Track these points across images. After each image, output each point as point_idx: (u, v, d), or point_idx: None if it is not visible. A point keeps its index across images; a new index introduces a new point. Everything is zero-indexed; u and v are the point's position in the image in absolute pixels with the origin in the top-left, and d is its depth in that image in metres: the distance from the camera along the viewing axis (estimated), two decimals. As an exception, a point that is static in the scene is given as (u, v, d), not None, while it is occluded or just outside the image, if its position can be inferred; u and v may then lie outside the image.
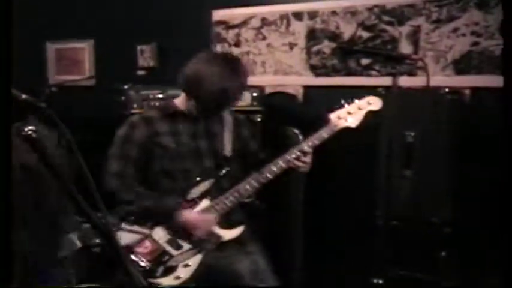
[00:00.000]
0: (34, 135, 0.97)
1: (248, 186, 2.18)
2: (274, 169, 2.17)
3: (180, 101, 2.30)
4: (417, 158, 2.64)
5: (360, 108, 2.27)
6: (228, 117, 2.36)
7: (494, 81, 2.51)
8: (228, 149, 2.30)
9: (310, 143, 2.20)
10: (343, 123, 2.24)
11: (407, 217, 2.66)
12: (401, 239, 2.60)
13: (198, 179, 2.21)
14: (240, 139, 2.37)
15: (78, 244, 1.55)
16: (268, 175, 2.17)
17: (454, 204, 2.63)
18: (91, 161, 1.16)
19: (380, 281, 2.47)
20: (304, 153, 2.19)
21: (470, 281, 2.62)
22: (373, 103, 2.29)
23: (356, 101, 2.28)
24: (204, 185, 2.21)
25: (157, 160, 2.21)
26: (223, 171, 2.25)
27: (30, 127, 0.97)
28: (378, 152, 2.73)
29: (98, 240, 1.54)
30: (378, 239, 2.55)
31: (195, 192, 2.20)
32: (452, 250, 2.60)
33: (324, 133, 2.21)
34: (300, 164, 2.20)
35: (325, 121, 2.24)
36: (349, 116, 2.25)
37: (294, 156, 2.18)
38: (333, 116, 2.24)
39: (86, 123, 3.15)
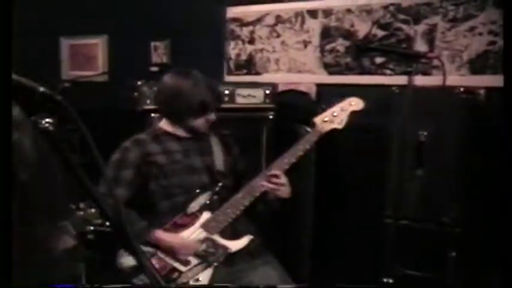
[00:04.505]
0: (51, 128, 0.98)
1: (247, 195, 2.19)
2: (253, 191, 2.19)
3: (165, 123, 2.35)
4: (429, 157, 2.63)
5: (342, 110, 2.31)
6: (214, 138, 2.39)
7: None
8: (220, 164, 2.33)
9: (282, 163, 2.20)
10: (329, 126, 2.27)
11: (418, 216, 2.65)
12: (411, 238, 2.59)
13: (197, 191, 2.22)
14: (231, 156, 2.39)
15: (73, 231, 1.56)
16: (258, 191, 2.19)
17: (466, 204, 2.61)
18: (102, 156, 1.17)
19: (390, 280, 2.46)
20: (275, 176, 2.18)
21: (479, 282, 2.61)
22: (355, 103, 2.33)
23: (338, 103, 2.33)
24: (203, 198, 2.22)
25: (154, 179, 2.23)
26: (220, 184, 2.26)
27: (47, 120, 0.98)
28: (390, 151, 2.72)
29: (92, 227, 1.56)
30: (388, 238, 2.54)
31: (194, 206, 2.20)
32: (462, 250, 2.59)
33: (311, 137, 2.26)
34: (273, 186, 2.18)
35: (311, 125, 2.29)
36: (334, 118, 2.29)
37: (264, 179, 2.18)
38: (317, 120, 2.28)
39: (99, 119, 3.17)
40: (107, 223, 1.19)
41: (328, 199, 3.13)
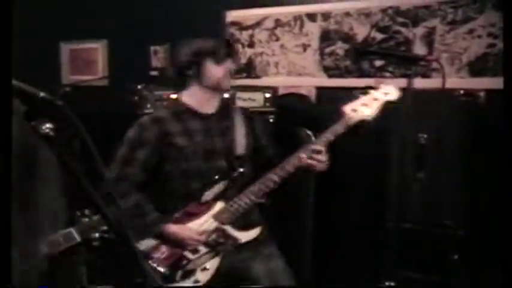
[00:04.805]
0: (51, 133, 0.98)
1: (263, 186, 2.13)
2: (288, 167, 2.10)
3: (188, 97, 2.25)
4: (430, 160, 2.63)
5: (375, 99, 2.15)
6: (238, 115, 2.32)
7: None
8: (241, 147, 2.25)
9: (324, 139, 2.11)
10: (358, 116, 2.12)
11: (419, 219, 2.65)
12: (413, 241, 2.59)
13: (215, 177, 2.17)
14: (253, 134, 2.32)
15: (78, 238, 1.57)
16: (282, 174, 2.11)
17: (467, 206, 2.61)
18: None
19: (392, 284, 2.46)
20: (318, 151, 2.10)
21: (482, 284, 2.60)
22: (390, 93, 2.17)
23: (372, 91, 2.16)
24: (218, 187, 2.17)
25: (172, 161, 2.16)
26: (237, 172, 2.20)
27: (47, 125, 0.99)
28: (390, 154, 2.72)
29: (97, 234, 1.56)
30: (390, 241, 2.54)
31: (209, 194, 2.16)
32: (464, 253, 2.59)
33: (338, 127, 2.11)
34: (313, 162, 2.12)
35: (339, 115, 2.13)
36: (364, 107, 2.13)
37: (307, 153, 2.10)
38: (347, 109, 2.13)
39: (100, 123, 3.17)
40: (108, 226, 1.19)
41: (329, 202, 3.13)
